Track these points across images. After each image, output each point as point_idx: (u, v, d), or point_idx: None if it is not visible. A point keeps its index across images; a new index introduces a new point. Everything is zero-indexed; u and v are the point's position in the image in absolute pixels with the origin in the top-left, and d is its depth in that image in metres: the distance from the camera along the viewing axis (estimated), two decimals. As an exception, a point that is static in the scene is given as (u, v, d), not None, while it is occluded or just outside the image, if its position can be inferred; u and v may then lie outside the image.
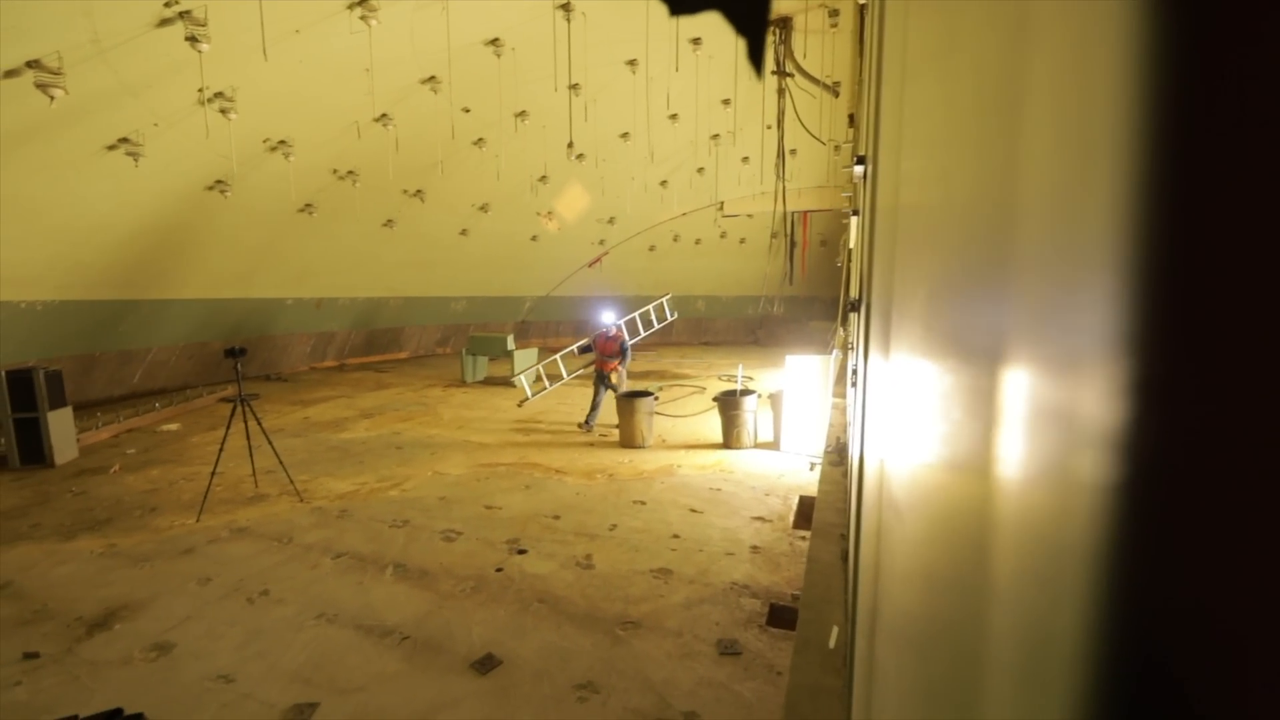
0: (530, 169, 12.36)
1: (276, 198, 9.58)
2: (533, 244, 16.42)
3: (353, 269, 13.43)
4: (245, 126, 7.41)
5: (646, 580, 4.23)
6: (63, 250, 7.97)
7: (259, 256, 11.04)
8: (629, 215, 16.15)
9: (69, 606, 3.96)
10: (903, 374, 0.90)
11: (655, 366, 15.58)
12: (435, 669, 3.30)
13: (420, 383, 12.80)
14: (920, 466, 0.66)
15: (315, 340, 14.47)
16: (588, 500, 5.84)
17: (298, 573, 4.39)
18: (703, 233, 18.69)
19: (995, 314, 0.45)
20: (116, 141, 6.64)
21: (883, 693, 0.74)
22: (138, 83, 6.03)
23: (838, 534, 3.07)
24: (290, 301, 13.13)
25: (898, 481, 0.80)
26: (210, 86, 6.49)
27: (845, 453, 4.56)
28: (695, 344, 21.34)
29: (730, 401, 7.54)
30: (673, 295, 21.89)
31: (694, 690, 3.10)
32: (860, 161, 2.43)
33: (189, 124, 7.00)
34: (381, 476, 6.58)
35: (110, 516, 5.49)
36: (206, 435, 8.32)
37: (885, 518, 0.84)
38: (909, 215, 1.05)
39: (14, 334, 8.31)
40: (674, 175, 14.65)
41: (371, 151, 9.54)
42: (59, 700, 3.08)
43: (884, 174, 1.27)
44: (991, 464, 0.42)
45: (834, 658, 2.06)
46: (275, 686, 3.16)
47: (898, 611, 0.67)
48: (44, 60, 4.92)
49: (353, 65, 7.59)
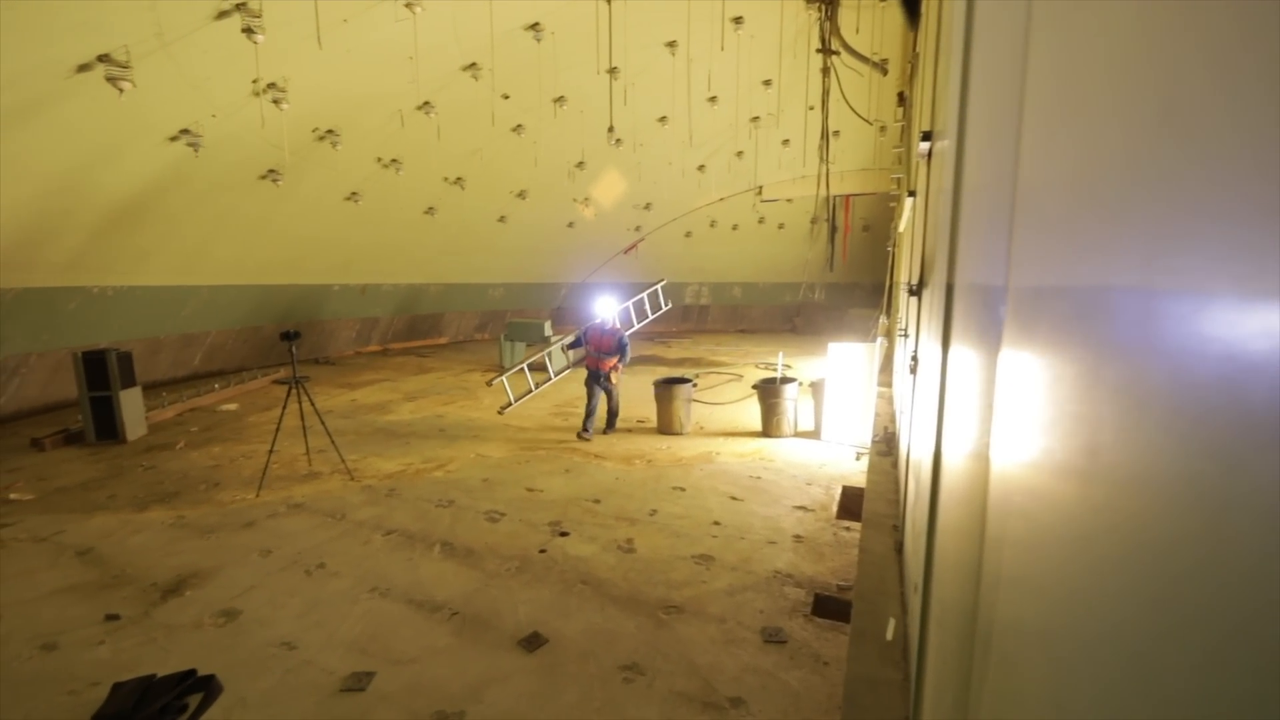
0: (568, 155, 12.37)
1: (324, 186, 9.86)
2: (569, 230, 16.48)
3: (395, 256, 13.75)
4: (295, 116, 7.63)
5: (688, 566, 4.24)
6: (130, 238, 8.40)
7: (308, 244, 11.42)
8: (665, 201, 16.02)
9: (144, 572, 4.22)
10: (990, 361, 0.85)
11: (691, 354, 15.50)
12: (483, 644, 3.39)
13: (460, 367, 13.07)
14: (1042, 463, 0.61)
15: (360, 325, 14.93)
16: (627, 485, 5.88)
17: (351, 548, 4.57)
18: (740, 218, 18.41)
19: (1146, 301, 0.41)
20: (178, 133, 6.93)
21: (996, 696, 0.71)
22: (197, 75, 6.27)
23: (890, 525, 3.00)
24: (337, 287, 13.56)
25: (1006, 477, 0.75)
26: (263, 78, 6.69)
27: (893, 443, 4.45)
28: (731, 331, 21.15)
29: (770, 389, 7.44)
30: (710, 282, 21.69)
31: (739, 677, 3.09)
32: (926, 138, 2.32)
33: (244, 115, 7.24)
34: (426, 458, 6.77)
35: (178, 490, 5.81)
36: (262, 415, 8.71)
37: (990, 515, 0.80)
38: (996, 192, 0.99)
39: (87, 318, 8.84)
40: (712, 159, 14.42)
41: (414, 139, 9.69)
42: (138, 660, 3.30)
43: (970, 149, 1.20)
44: (1145, 465, 0.39)
45: (892, 650, 2.02)
46: (334, 654, 3.31)
47: (1020, 617, 0.64)
48: (113, 54, 5.16)
49: (397, 54, 7.70)
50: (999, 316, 0.80)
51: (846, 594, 3.83)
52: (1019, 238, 0.74)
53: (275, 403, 9.38)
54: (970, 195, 1.16)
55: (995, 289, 0.84)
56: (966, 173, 1.24)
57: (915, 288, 2.53)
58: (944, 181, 1.71)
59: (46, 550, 4.58)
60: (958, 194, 1.32)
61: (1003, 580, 0.72)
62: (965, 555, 0.97)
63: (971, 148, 1.18)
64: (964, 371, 1.11)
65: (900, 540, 2.77)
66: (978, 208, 1.05)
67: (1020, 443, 0.71)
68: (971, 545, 0.90)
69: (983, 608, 0.80)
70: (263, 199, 9.22)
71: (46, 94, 5.51)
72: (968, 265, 1.14)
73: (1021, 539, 0.67)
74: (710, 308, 22.07)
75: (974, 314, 1.01)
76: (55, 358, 8.60)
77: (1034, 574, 0.62)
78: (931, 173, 2.31)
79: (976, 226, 1.05)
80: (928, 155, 2.48)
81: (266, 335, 12.42)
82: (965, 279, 1.18)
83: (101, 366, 7.25)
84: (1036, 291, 0.66)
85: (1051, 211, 0.62)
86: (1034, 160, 0.70)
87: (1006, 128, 0.82)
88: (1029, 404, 0.68)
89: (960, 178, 1.31)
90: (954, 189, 1.33)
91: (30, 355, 8.31)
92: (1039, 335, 0.66)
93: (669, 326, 21.40)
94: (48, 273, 7.83)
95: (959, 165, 1.32)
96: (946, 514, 1.24)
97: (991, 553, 0.79)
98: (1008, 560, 0.70)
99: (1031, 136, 0.72)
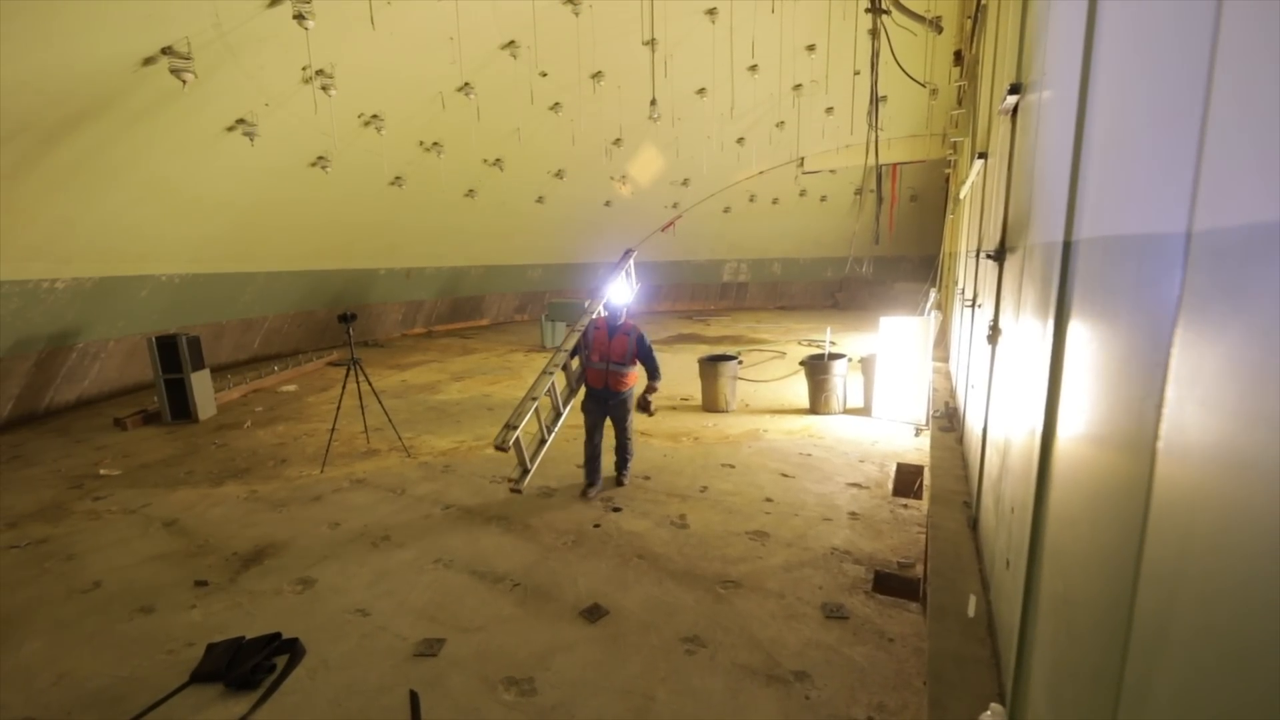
0: (605, 132, 12.24)
1: (370, 171, 10.05)
2: (606, 210, 16.40)
3: (438, 239, 13.98)
4: (342, 102, 7.76)
5: (743, 542, 4.23)
6: (194, 227, 8.78)
7: (356, 229, 11.71)
8: (704, 176, 15.71)
9: (225, 542, 4.48)
10: (1157, 330, 0.77)
11: (730, 331, 15.34)
12: (546, 615, 3.47)
13: (503, 348, 13.29)
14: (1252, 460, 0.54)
15: (406, 308, 15.31)
16: (675, 462, 5.88)
17: (413, 521, 4.74)
18: (780, 191, 17.93)
19: None
20: (235, 122, 7.15)
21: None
22: (252, 64, 6.42)
23: (959, 502, 2.90)
24: (383, 272, 13.91)
25: (1185, 471, 0.68)
26: (312, 65, 6.81)
27: (955, 418, 4.30)
28: (770, 308, 20.82)
29: (819, 366, 7.29)
30: (749, 259, 21.30)
31: (802, 651, 3.08)
32: (1015, 90, 2.17)
33: (294, 103, 7.41)
34: (477, 435, 6.93)
35: (249, 466, 6.13)
36: (319, 395, 9.07)
37: (1157, 512, 0.73)
38: (1166, 125, 0.89)
39: (158, 304, 9.33)
40: (752, 131, 14.03)
41: (454, 122, 9.75)
42: (226, 623, 3.51)
43: (1103, 87, 1.10)
44: None
45: (975, 626, 1.96)
46: (405, 621, 3.45)
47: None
48: (175, 46, 5.33)
49: (438, 35, 7.71)
50: (1172, 274, 0.72)
51: (909, 571, 3.76)
52: (1212, 165, 0.65)
53: (330, 384, 9.76)
54: (1107, 137, 1.06)
55: (1163, 240, 0.76)
56: (1094, 116, 1.14)
57: (995, 253, 2.40)
58: (1048, 133, 1.59)
59: (136, 521, 4.90)
60: (1080, 141, 1.22)
61: (1184, 580, 0.66)
62: (1105, 546, 0.91)
63: (1105, 86, 1.08)
64: (1098, 342, 1.03)
65: (974, 517, 2.67)
66: (1124, 147, 0.95)
67: (1211, 434, 0.63)
68: (1118, 537, 0.84)
69: (1143, 604, 0.74)
70: (312, 186, 9.46)
71: (117, 89, 5.74)
72: (1102, 215, 1.05)
73: (1210, 539, 0.61)
74: (749, 285, 21.72)
75: (1117, 273, 0.93)
76: (130, 343, 9.13)
77: (1228, 578, 0.57)
78: (1020, 128, 2.17)
79: (1122, 168, 0.96)
80: (1013, 111, 2.33)
81: (319, 319, 12.88)
82: (1095, 232, 1.09)
83: (173, 350, 7.65)
84: (1249, 232, 0.57)
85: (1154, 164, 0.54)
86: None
87: (1174, 52, 0.73)
88: (1230, 389, 0.59)
89: (1084, 123, 1.21)
90: (1075, 135, 1.23)
91: (109, 341, 8.84)
92: (1253, 297, 0.56)
93: (707, 304, 21.21)
94: (120, 262, 8.27)
95: (1082, 110, 1.21)
96: (1069, 498, 1.16)
97: (1160, 550, 0.72)
98: (1192, 560, 0.64)
99: (1230, 45, 0.63)
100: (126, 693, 2.95)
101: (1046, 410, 1.33)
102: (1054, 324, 1.30)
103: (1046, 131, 1.61)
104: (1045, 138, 1.62)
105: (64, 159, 6.22)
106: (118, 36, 5.21)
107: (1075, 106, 1.24)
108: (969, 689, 1.72)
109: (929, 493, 3.11)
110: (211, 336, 10.24)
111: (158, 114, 6.37)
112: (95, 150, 6.40)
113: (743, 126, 13.73)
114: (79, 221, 7.13)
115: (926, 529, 3.28)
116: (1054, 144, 1.45)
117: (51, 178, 6.33)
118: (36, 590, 3.89)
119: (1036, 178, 1.75)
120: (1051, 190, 1.46)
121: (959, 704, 1.65)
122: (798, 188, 17.82)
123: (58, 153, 6.09)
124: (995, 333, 2.39)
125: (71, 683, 3.04)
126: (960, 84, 8.42)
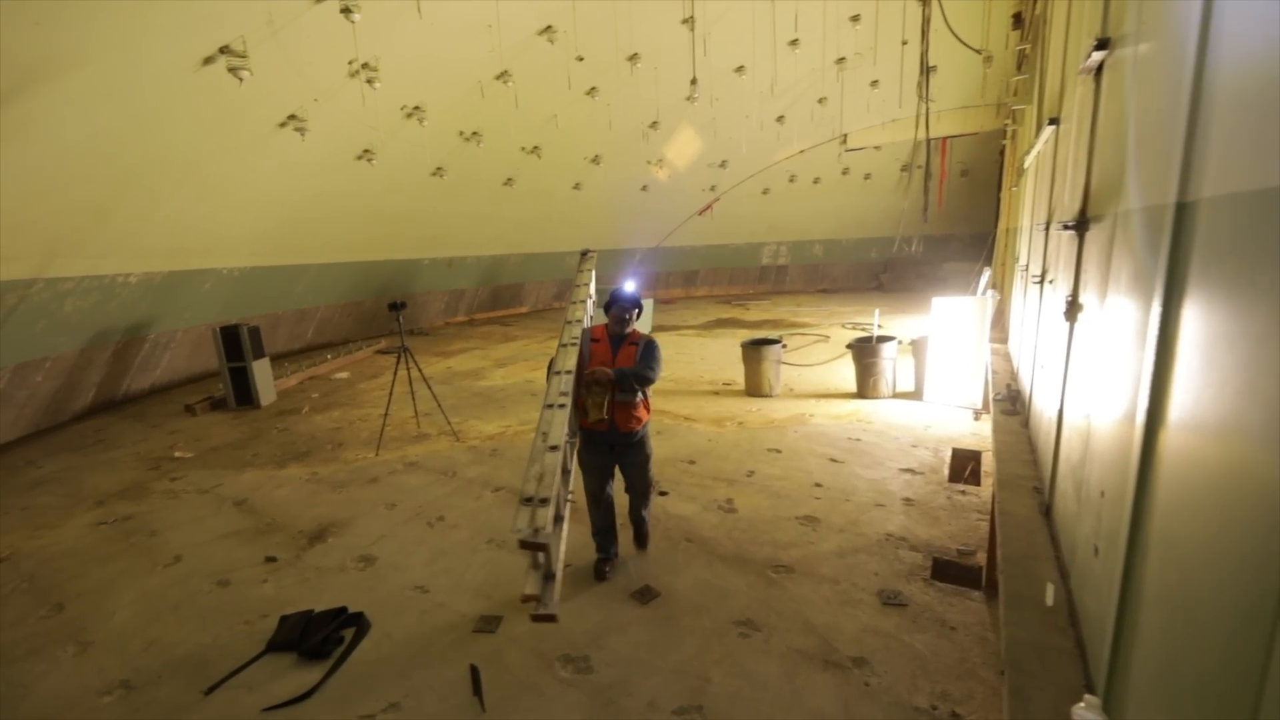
0: (641, 116, 12.10)
1: (412, 163, 10.24)
2: (643, 194, 16.28)
3: (477, 228, 14.18)
4: (385, 95, 7.90)
5: (793, 527, 4.18)
6: (250, 222, 9.15)
7: (400, 220, 11.98)
8: (742, 157, 15.39)
9: (291, 521, 4.70)
10: None
11: (770, 315, 15.08)
12: (598, 595, 3.52)
13: (543, 335, 13.43)
14: None
15: (448, 297, 15.64)
16: (720, 447, 5.85)
17: (465, 502, 4.86)
18: (822, 170, 17.40)
19: None
20: (286, 119, 7.38)
21: None
22: (301, 59, 6.60)
23: (1029, 487, 2.78)
24: (426, 261, 14.22)
25: None
26: (358, 58, 6.95)
27: (1019, 400, 4.11)
28: (811, 291, 20.36)
29: (867, 348, 7.09)
30: (789, 241, 20.82)
31: (859, 637, 3.03)
32: (1102, 46, 2.01)
33: (341, 96, 7.59)
34: (522, 420, 7.04)
35: (309, 449, 6.40)
36: (370, 382, 9.39)
37: None
38: None
39: (219, 297, 9.80)
40: (792, 109, 13.63)
41: (493, 111, 9.81)
42: (296, 596, 3.69)
43: (1235, 29, 1.00)
44: None
45: (1054, 615, 1.87)
46: (463, 598, 3.55)
47: None
48: (232, 45, 5.52)
49: (477, 23, 7.73)
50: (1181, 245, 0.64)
51: (969, 559, 3.64)
52: None
53: (379, 371, 10.09)
54: (1240, 82, 0.96)
55: None
56: (1220, 60, 1.04)
57: (1075, 223, 2.25)
58: (1152, 86, 1.46)
59: (209, 501, 5.20)
60: (1198, 90, 1.12)
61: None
62: (1241, 540, 0.84)
63: (1237, 25, 0.97)
64: (1230, 312, 0.95)
65: (1046, 503, 2.55)
66: (1266, 91, 0.86)
67: None
68: (1262, 532, 0.77)
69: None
70: (358, 179, 9.71)
71: (180, 90, 6.00)
72: (1234, 169, 0.95)
73: None
74: (789, 268, 21.27)
75: (1261, 232, 0.84)
76: (196, 333, 9.63)
77: None
78: (1109, 86, 2.01)
79: (1261, 115, 0.87)
80: (1097, 69, 2.17)
81: (367, 309, 13.29)
82: (1223, 189, 0.99)
83: (236, 340, 8.03)
84: None
85: None
86: None
87: None
88: None
89: (1203, 71, 1.10)
90: (1194, 85, 1.12)
91: (177, 331, 9.35)
92: None
93: (745, 288, 20.90)
94: (185, 257, 8.70)
95: (1202, 57, 1.10)
96: (1186, 486, 1.07)
97: None
98: None
99: None
100: (210, 659, 3.15)
101: (1152, 390, 1.24)
102: (1163, 294, 1.20)
103: (1150, 85, 1.48)
104: (1148, 92, 1.49)
105: (131, 160, 6.55)
106: (179, 38, 5.42)
107: (1193, 54, 1.13)
108: (1051, 679, 1.65)
109: (994, 478, 2.99)
110: (269, 326, 10.69)
111: (214, 113, 6.62)
112: (161, 151, 6.72)
113: (783, 104, 13.35)
114: (147, 219, 7.52)
115: (991, 515, 3.16)
116: (1162, 97, 1.34)
117: (122, 178, 6.68)
118: (125, 563, 4.18)
119: (1133, 138, 1.62)
120: (1157, 149, 1.34)
121: (1042, 694, 1.59)
122: (840, 166, 17.26)
123: (126, 154, 6.41)
124: (1074, 309, 2.25)
125: (161, 648, 3.26)
126: (1021, 47, 7.94)
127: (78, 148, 5.85)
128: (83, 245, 7.00)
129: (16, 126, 5.18)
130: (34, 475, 6.03)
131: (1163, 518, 1.18)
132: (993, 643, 2.90)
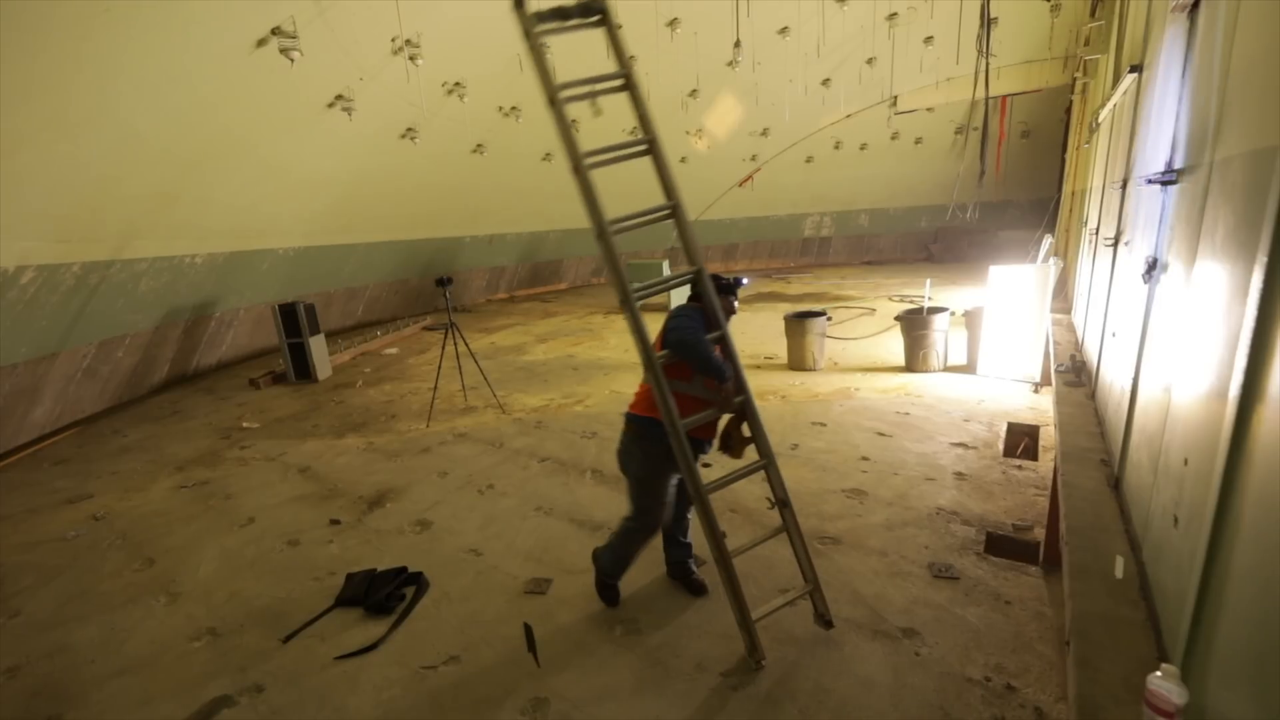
0: (680, 84, 11.80)
1: (454, 140, 10.32)
2: (681, 165, 15.98)
3: (517, 205, 14.26)
4: (428, 72, 7.95)
5: (839, 499, 4.14)
6: (302, 203, 9.47)
7: (442, 199, 12.17)
8: (786, 124, 14.86)
9: (351, 487, 4.96)
10: None
11: (813, 289, 14.73)
12: (644, 562, 3.56)
13: (583, 310, 13.53)
14: None
15: (489, 274, 15.88)
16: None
17: (512, 472, 5.01)
18: (870, 135, 16.65)
19: None
20: (334, 99, 7.54)
21: None
22: (347, 39, 6.70)
23: (1095, 460, 2.66)
24: (468, 239, 14.44)
25: None
26: (402, 34, 7.00)
27: (1084, 371, 3.91)
28: (855, 264, 19.73)
29: (917, 320, 6.86)
30: (833, 211, 20.15)
31: (908, 609, 3.00)
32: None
33: (385, 75, 7.68)
34: (565, 394, 7.16)
35: (364, 421, 6.70)
36: (418, 358, 9.69)
37: None
38: None
39: (277, 276, 10.24)
40: (838, 71, 13.04)
41: (531, 84, 9.70)
42: (360, 556, 3.91)
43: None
44: None
45: (1125, 588, 1.80)
46: (515, 562, 3.69)
47: None
48: (283, 26, 5.65)
49: (515, -7, 7.65)
50: None
51: (1025, 534, 3.53)
52: None
53: (427, 346, 10.39)
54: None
55: None
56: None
57: (1161, 176, 2.09)
58: (1261, 18, 1.33)
59: (276, 468, 5.52)
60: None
61: None
62: None
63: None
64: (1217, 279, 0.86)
65: (1115, 475, 2.44)
66: None
67: None
68: None
69: None
70: (403, 158, 9.88)
71: (236, 73, 6.21)
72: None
73: None
74: (832, 240, 20.62)
75: None
76: (256, 311, 10.12)
77: None
78: (1206, 23, 1.84)
79: None
80: (1192, 5, 1.98)
81: (412, 287, 13.65)
82: None
83: (293, 317, 8.40)
84: None
85: None
86: None
87: None
88: None
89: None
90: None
91: (239, 309, 9.85)
92: None
93: (786, 262, 20.42)
94: (245, 238, 9.10)
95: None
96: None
97: None
98: None
99: None
100: (285, 611, 3.38)
101: (1252, 352, 1.16)
102: (1269, 247, 1.11)
103: (1258, 17, 1.34)
104: (1254, 27, 1.36)
105: (193, 145, 6.84)
106: (234, 21, 5.58)
107: None
108: (1121, 650, 1.60)
109: (1057, 451, 2.87)
110: (322, 304, 11.13)
111: (268, 96, 6.83)
112: (220, 135, 6.99)
113: (829, 66, 12.77)
114: (209, 202, 7.88)
115: (1052, 489, 3.05)
116: (1273, 31, 1.21)
117: (186, 162, 7.00)
118: (205, 523, 4.50)
119: (1234, 77, 1.49)
120: (1266, 87, 1.22)
121: (1111, 665, 1.54)
122: (889, 130, 16.46)
123: (189, 139, 6.70)
124: (1155, 270, 2.11)
125: (241, 600, 3.52)
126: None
127: (146, 134, 6.15)
128: (153, 228, 7.41)
129: (93, 115, 5.48)
130: (120, 443, 6.53)
131: (1260, 488, 1.11)
132: (1050, 618, 2.83)
